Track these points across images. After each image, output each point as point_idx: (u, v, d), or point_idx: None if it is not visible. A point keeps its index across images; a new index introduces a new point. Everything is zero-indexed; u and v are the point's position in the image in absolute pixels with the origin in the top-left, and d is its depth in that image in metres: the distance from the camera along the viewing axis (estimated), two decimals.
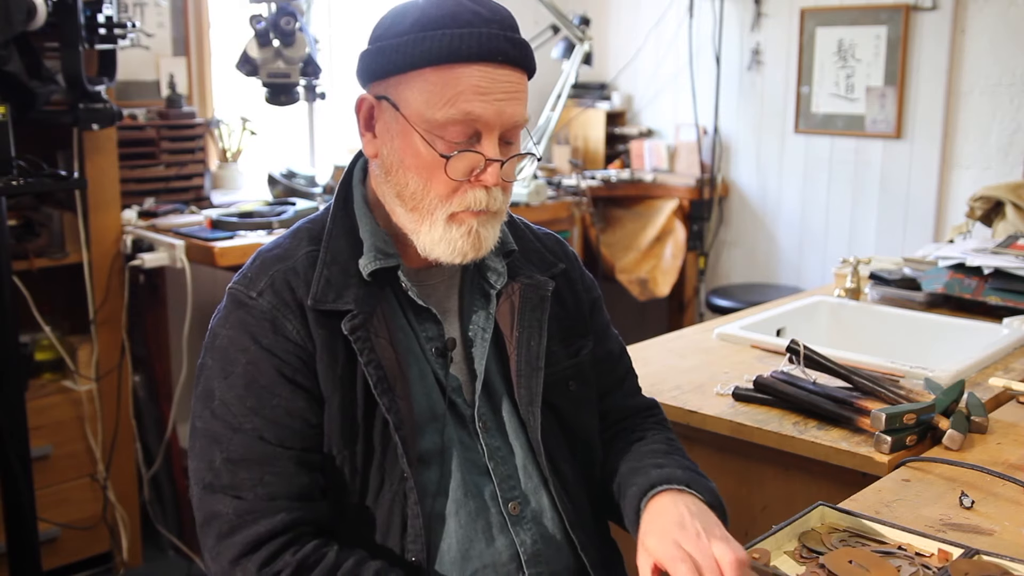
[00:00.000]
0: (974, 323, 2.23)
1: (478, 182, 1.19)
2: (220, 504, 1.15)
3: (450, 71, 1.16)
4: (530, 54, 1.22)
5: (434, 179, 1.19)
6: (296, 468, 1.17)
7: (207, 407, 1.19)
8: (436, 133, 1.18)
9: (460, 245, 1.20)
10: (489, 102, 1.16)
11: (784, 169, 4.26)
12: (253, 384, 1.17)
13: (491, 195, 1.20)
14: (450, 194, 1.19)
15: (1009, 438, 1.60)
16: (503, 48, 1.17)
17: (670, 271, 4.24)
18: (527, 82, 1.23)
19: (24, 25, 2.45)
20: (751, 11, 4.25)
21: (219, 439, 1.17)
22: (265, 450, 1.16)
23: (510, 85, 1.18)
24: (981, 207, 2.86)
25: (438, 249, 1.21)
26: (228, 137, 3.51)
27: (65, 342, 2.93)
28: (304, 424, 1.18)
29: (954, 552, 1.17)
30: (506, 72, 1.18)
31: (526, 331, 1.29)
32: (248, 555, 1.13)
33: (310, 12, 3.10)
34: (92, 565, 3.02)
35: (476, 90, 1.16)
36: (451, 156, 1.17)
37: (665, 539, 1.11)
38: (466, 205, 1.19)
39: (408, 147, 1.20)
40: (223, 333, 1.21)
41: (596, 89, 4.65)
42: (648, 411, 1.48)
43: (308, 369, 1.19)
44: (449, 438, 1.25)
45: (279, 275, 1.21)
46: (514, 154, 1.22)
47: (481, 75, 1.16)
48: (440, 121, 1.17)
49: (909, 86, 3.82)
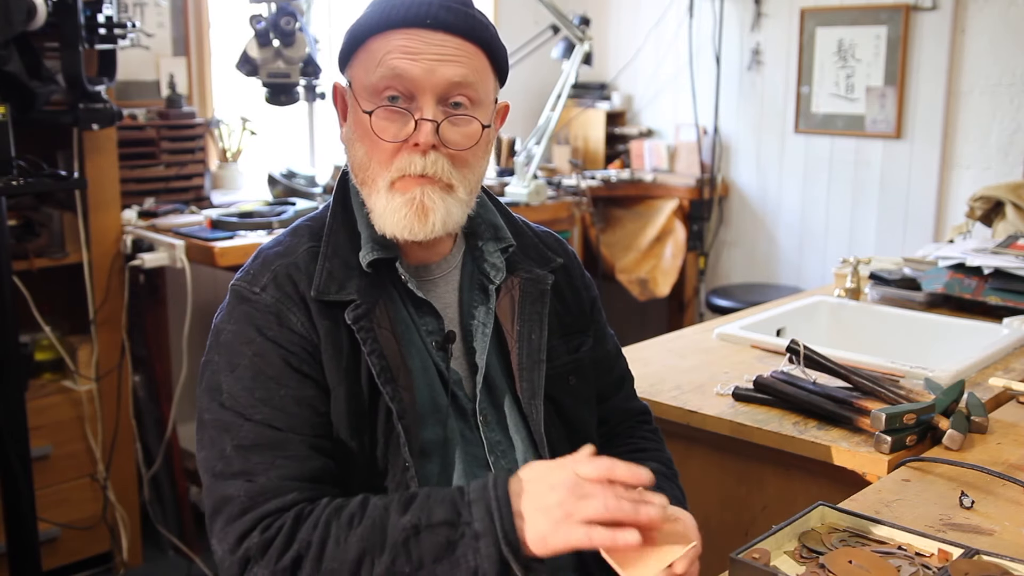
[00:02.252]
0: (974, 323, 2.22)
1: (416, 147, 1.19)
2: (232, 488, 1.13)
3: (383, 37, 1.20)
4: (475, 23, 1.21)
5: (374, 147, 1.20)
6: (308, 452, 1.16)
7: (215, 400, 1.18)
8: (372, 98, 1.20)
9: (404, 216, 1.20)
10: (418, 60, 1.18)
11: (784, 169, 4.26)
12: (260, 375, 1.17)
13: (428, 159, 1.19)
14: (388, 160, 1.20)
15: (1009, 438, 1.60)
16: (435, 13, 1.18)
17: (670, 271, 4.24)
18: (476, 52, 1.22)
19: (24, 25, 2.45)
20: (751, 11, 4.25)
21: (229, 428, 1.16)
22: (276, 436, 1.15)
23: (444, 48, 1.19)
24: (981, 207, 2.86)
25: (386, 222, 1.21)
26: (228, 137, 3.51)
27: (65, 342, 2.93)
28: (313, 412, 1.18)
29: (954, 552, 1.17)
30: (440, 36, 1.19)
31: (526, 325, 1.29)
32: (254, 529, 1.12)
33: (310, 12, 3.10)
34: (92, 565, 3.02)
35: (403, 50, 1.18)
36: (372, 111, 1.19)
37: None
38: (402, 170, 1.20)
39: (356, 120, 1.23)
40: (228, 328, 1.21)
41: (596, 89, 4.65)
42: (642, 415, 1.50)
43: (314, 360, 1.19)
44: (451, 431, 1.25)
45: (281, 270, 1.22)
46: (452, 115, 1.20)
47: (410, 36, 1.18)
48: (374, 83, 1.19)
49: (909, 86, 3.82)
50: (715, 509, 1.76)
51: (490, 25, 1.24)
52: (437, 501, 1.09)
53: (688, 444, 1.73)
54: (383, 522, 1.09)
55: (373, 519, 1.09)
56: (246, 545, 1.11)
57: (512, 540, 1.06)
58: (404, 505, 1.10)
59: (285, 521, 1.11)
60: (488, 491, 1.08)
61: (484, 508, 1.07)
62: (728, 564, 1.12)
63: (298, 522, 1.11)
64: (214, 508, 1.15)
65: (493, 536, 1.06)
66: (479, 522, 1.07)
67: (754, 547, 1.15)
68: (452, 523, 1.07)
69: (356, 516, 1.10)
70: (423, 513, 1.08)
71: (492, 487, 1.09)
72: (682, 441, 1.73)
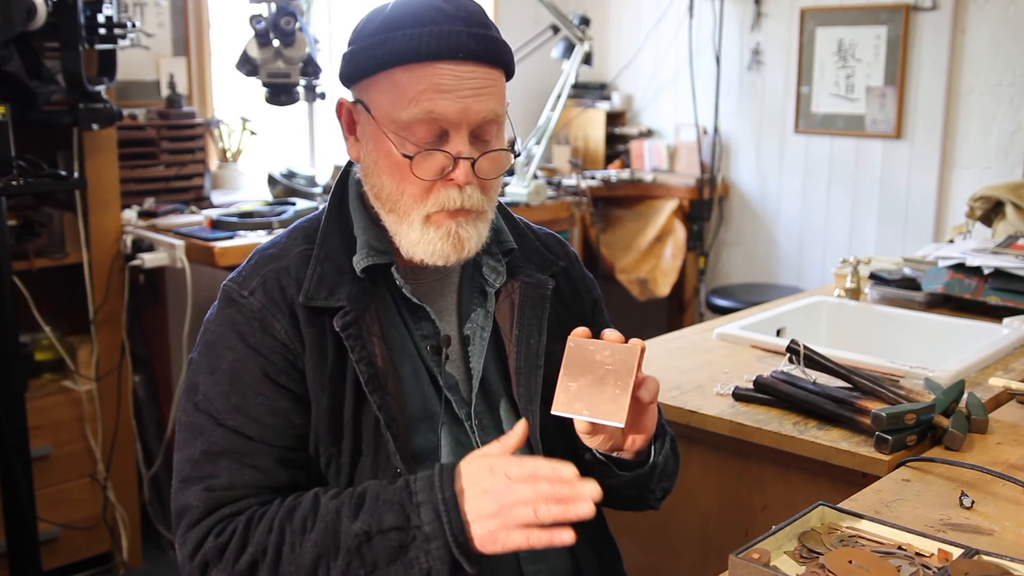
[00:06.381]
0: (974, 323, 2.22)
1: (450, 182, 1.18)
2: (191, 496, 1.15)
3: (412, 71, 1.16)
4: (500, 48, 1.20)
5: (406, 180, 1.19)
6: (275, 465, 1.17)
7: (191, 400, 1.20)
8: (403, 134, 1.17)
9: (440, 247, 1.20)
10: (452, 99, 1.15)
11: (784, 169, 4.26)
12: (238, 382, 1.18)
13: (464, 194, 1.19)
14: (423, 195, 1.19)
15: (1009, 438, 1.60)
16: (465, 44, 1.16)
17: (670, 271, 4.24)
18: (500, 77, 1.21)
19: (24, 25, 2.45)
20: (751, 11, 4.25)
21: (202, 431, 1.17)
22: (246, 445, 1.17)
23: (475, 81, 1.17)
24: (981, 207, 2.85)
25: (419, 251, 1.21)
26: (228, 137, 3.51)
27: (65, 342, 2.93)
28: (286, 424, 1.18)
29: (954, 552, 1.17)
30: (470, 68, 1.16)
31: (525, 329, 1.29)
32: (209, 535, 1.14)
33: (310, 12, 3.10)
34: (92, 565, 3.02)
35: (437, 88, 1.15)
36: (414, 156, 1.17)
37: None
38: (440, 205, 1.19)
39: (380, 149, 1.20)
40: (212, 329, 1.22)
41: (596, 89, 4.65)
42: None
43: (294, 370, 1.19)
44: (446, 436, 1.25)
45: (271, 274, 1.22)
46: (487, 151, 1.20)
47: (443, 73, 1.15)
48: (406, 121, 1.17)
49: (909, 86, 3.82)
50: (715, 509, 1.76)
51: (501, 39, 1.22)
52: (386, 504, 1.11)
53: (688, 444, 1.73)
54: (336, 527, 1.11)
55: (326, 524, 1.11)
56: (203, 550, 1.13)
57: (462, 542, 1.08)
58: (355, 509, 1.12)
59: (237, 525, 1.13)
60: (435, 492, 1.10)
61: (432, 511, 1.09)
62: (728, 564, 1.12)
63: (250, 525, 1.13)
64: (177, 514, 1.17)
65: (443, 539, 1.08)
66: (428, 525, 1.09)
67: (754, 547, 1.15)
68: (402, 528, 1.10)
69: (309, 519, 1.12)
70: (373, 519, 1.10)
71: (439, 488, 1.10)
72: (682, 441, 1.72)
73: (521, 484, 1.08)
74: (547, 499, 1.07)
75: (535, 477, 1.08)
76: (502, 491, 1.08)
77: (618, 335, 1.15)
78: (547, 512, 1.06)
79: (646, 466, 1.28)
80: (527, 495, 1.07)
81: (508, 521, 1.07)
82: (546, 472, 1.09)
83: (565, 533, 1.07)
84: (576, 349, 1.15)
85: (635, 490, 1.31)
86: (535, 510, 1.06)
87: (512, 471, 1.09)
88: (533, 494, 1.07)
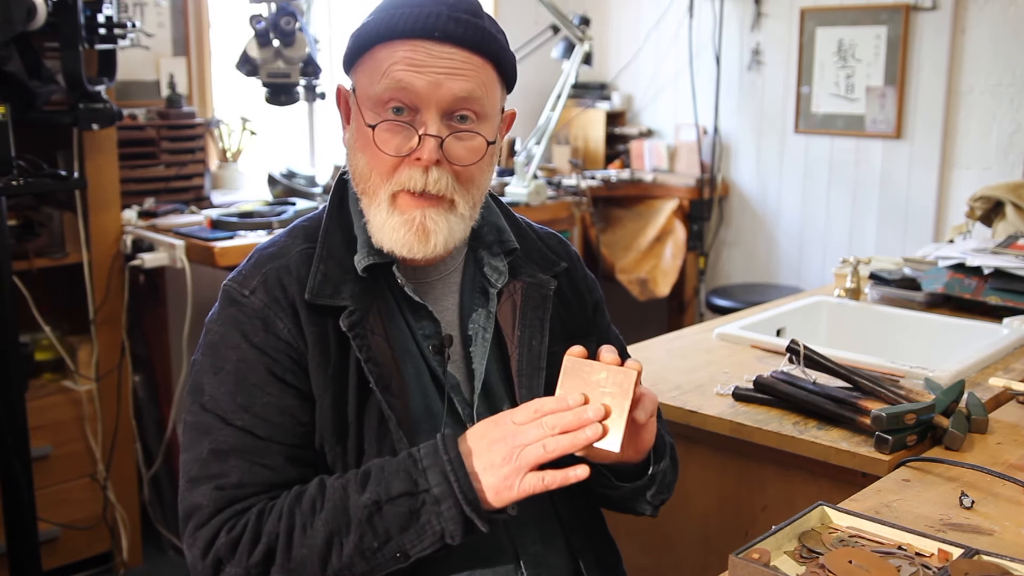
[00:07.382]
0: (974, 323, 2.22)
1: (417, 161, 1.17)
2: (200, 496, 1.15)
3: (389, 46, 1.17)
4: (486, 37, 1.19)
5: (375, 158, 1.19)
6: (285, 463, 1.17)
7: (196, 401, 1.19)
8: (376, 109, 1.18)
9: (403, 236, 1.19)
10: (423, 73, 1.15)
11: (784, 169, 4.26)
12: (243, 381, 1.18)
13: (430, 176, 1.17)
14: (389, 172, 1.19)
15: (1009, 438, 1.60)
16: (443, 25, 1.16)
17: (670, 271, 4.24)
18: (484, 65, 1.19)
19: (24, 25, 2.45)
20: (751, 11, 4.25)
21: (209, 430, 1.17)
22: (256, 444, 1.16)
23: (451, 62, 1.16)
24: (981, 207, 2.85)
25: (384, 236, 1.20)
26: (228, 137, 3.51)
27: (65, 342, 2.93)
28: (294, 422, 1.18)
29: (954, 552, 1.17)
30: (447, 49, 1.16)
31: (528, 330, 1.28)
32: (220, 532, 1.13)
33: (310, 12, 3.10)
34: (92, 565, 3.02)
35: (410, 61, 1.16)
36: (375, 125, 1.17)
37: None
38: (402, 185, 1.18)
39: (359, 129, 1.21)
40: (215, 329, 1.22)
41: (596, 89, 4.65)
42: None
43: (299, 368, 1.19)
44: None
45: (272, 273, 1.22)
46: (457, 131, 1.18)
47: (418, 48, 1.16)
48: (378, 94, 1.17)
49: (909, 86, 3.82)
50: (715, 509, 1.76)
51: (499, 34, 1.22)
52: (392, 473, 1.12)
53: (688, 444, 1.73)
54: (344, 504, 1.12)
55: (334, 502, 1.12)
56: (215, 547, 1.13)
57: (472, 499, 1.09)
58: (361, 483, 1.12)
59: (249, 519, 1.13)
60: (440, 455, 1.11)
61: (439, 472, 1.10)
62: (728, 564, 1.12)
63: (261, 517, 1.13)
64: (185, 514, 1.17)
65: (453, 498, 1.09)
66: (437, 487, 1.10)
67: (754, 547, 1.15)
68: (411, 493, 1.10)
69: (317, 501, 1.13)
70: (381, 488, 1.11)
71: (443, 450, 1.11)
72: (682, 441, 1.73)
73: (528, 426, 1.10)
74: (554, 431, 1.09)
75: (540, 412, 1.10)
76: (510, 436, 1.10)
77: (615, 356, 1.15)
78: (556, 445, 1.08)
79: (644, 478, 1.28)
80: (535, 434, 1.09)
81: (520, 463, 1.09)
82: (551, 405, 1.10)
83: (580, 469, 1.09)
84: (573, 369, 1.15)
85: (631, 500, 1.32)
86: (544, 445, 1.08)
87: (518, 416, 1.11)
88: (540, 431, 1.09)
